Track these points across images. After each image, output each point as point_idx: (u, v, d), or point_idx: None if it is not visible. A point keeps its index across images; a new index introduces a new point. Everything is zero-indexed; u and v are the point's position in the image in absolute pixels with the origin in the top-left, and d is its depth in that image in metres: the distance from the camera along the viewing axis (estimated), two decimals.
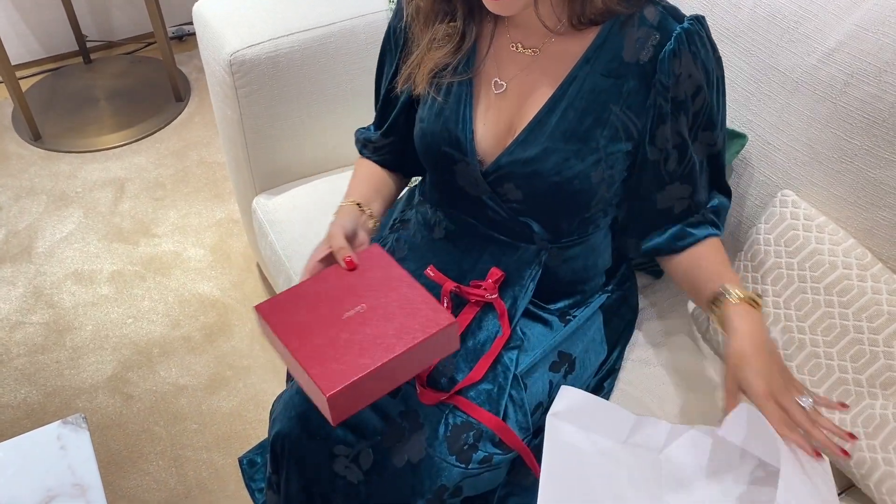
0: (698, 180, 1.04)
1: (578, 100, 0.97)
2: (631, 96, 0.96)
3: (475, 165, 1.03)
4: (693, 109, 0.97)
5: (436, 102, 1.04)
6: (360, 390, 0.86)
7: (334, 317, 0.90)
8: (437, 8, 1.01)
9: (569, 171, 0.98)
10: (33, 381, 1.71)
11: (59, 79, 2.60)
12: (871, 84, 1.04)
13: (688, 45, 0.94)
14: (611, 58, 0.96)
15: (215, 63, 1.41)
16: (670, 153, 1.00)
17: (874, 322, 1.03)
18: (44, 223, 2.09)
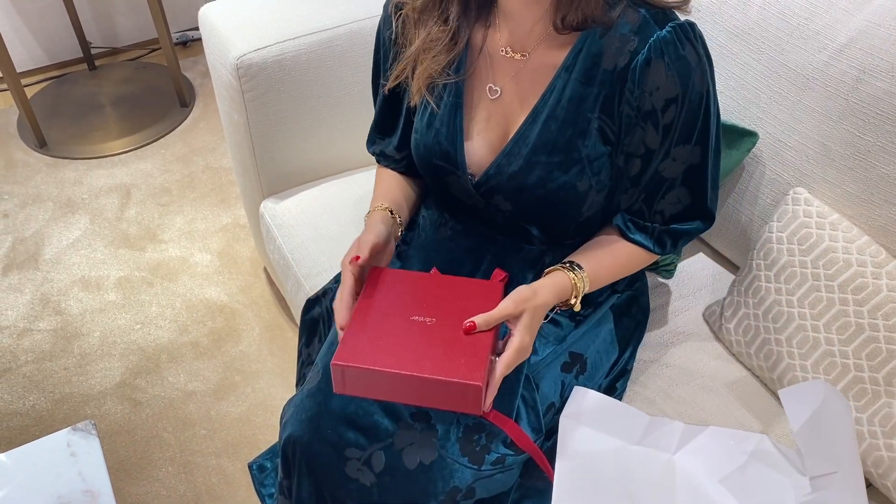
0: (661, 191, 1.01)
1: (559, 110, 0.96)
2: (607, 103, 0.95)
3: (466, 178, 1.03)
4: (663, 122, 0.94)
5: (428, 112, 1.04)
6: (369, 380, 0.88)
7: (402, 313, 0.93)
8: (428, 11, 1.01)
9: (552, 183, 0.98)
10: (41, 388, 1.71)
11: (64, 85, 2.60)
12: (884, 80, 1.04)
13: (661, 54, 0.90)
14: (590, 65, 0.94)
15: (222, 67, 1.41)
16: (633, 159, 0.98)
17: (890, 320, 1.02)
18: (50, 230, 2.09)
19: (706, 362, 1.20)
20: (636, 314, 1.22)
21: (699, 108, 0.95)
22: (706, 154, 0.99)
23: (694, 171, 1.00)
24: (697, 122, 0.96)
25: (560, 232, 1.09)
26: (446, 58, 1.00)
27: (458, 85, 1.03)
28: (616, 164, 1.00)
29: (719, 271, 1.34)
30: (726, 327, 1.20)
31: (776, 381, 1.14)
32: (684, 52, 0.91)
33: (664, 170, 0.99)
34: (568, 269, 1.00)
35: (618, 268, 1.07)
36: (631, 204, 1.04)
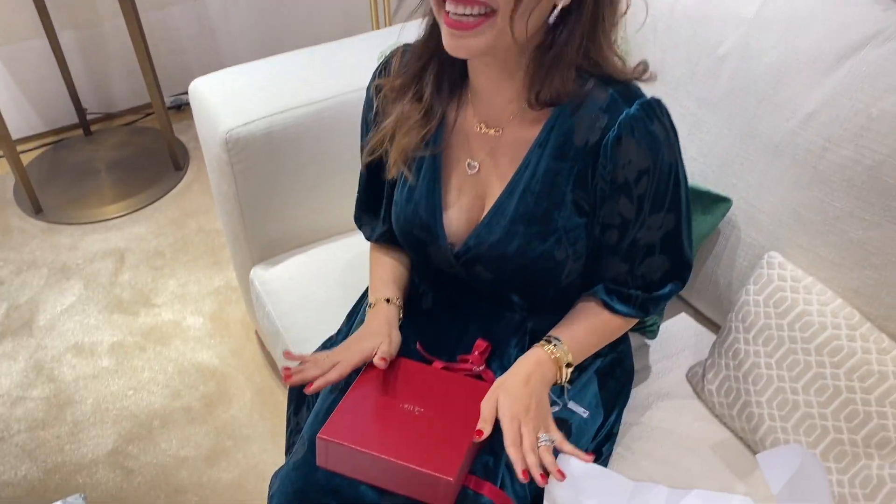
0: (637, 259, 1.04)
1: (534, 183, 1.00)
2: (580, 177, 0.98)
3: (446, 248, 1.06)
4: (637, 192, 0.98)
5: (407, 184, 1.08)
6: (350, 458, 0.93)
7: (394, 400, 0.99)
8: (405, 90, 1.05)
9: (532, 252, 1.01)
10: (34, 457, 1.71)
11: (60, 151, 2.65)
12: (848, 148, 1.07)
13: (631, 130, 0.94)
14: (562, 141, 0.98)
15: (211, 140, 1.45)
16: (610, 230, 1.02)
17: (865, 382, 1.04)
18: (45, 296, 2.11)
19: (690, 424, 1.22)
20: (621, 376, 1.23)
21: (669, 178, 0.99)
22: (679, 219, 1.03)
23: (670, 236, 1.04)
24: (668, 191, 1.00)
25: (540, 299, 1.12)
26: (419, 133, 1.05)
27: (436, 160, 1.06)
28: (593, 235, 1.03)
29: (701, 331, 1.36)
30: (708, 389, 1.22)
31: (758, 442, 1.15)
32: (652, 127, 0.96)
33: (641, 238, 1.03)
34: (543, 345, 1.04)
35: (599, 336, 1.10)
36: (612, 273, 1.07)
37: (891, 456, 1.03)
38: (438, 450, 0.92)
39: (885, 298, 1.07)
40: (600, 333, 1.10)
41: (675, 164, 0.99)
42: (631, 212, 1.00)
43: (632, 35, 1.35)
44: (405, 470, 0.90)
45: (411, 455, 0.90)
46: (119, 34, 2.62)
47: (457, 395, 0.99)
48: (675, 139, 0.99)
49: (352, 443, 0.91)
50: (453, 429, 0.95)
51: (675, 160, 0.99)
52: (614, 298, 1.08)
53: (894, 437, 1.02)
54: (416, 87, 1.04)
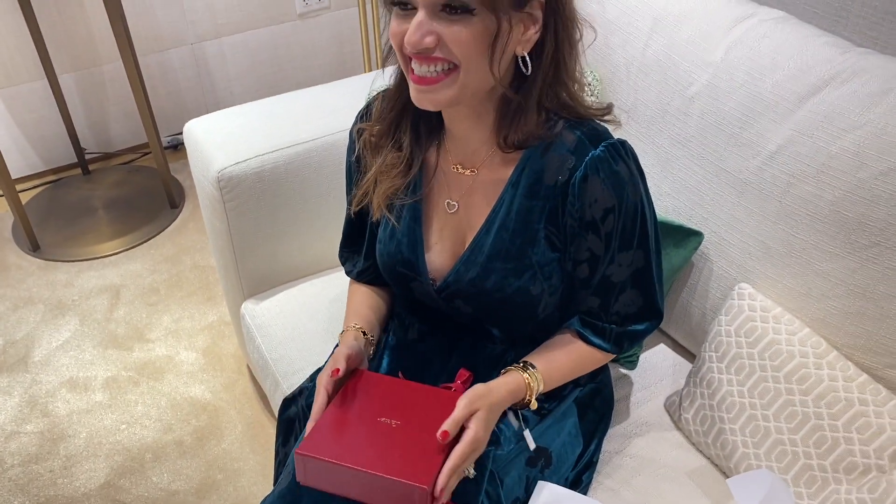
0: (611, 295, 1.08)
1: (508, 221, 1.05)
2: (552, 215, 1.04)
3: (428, 284, 1.11)
4: (604, 230, 1.02)
5: (389, 224, 1.12)
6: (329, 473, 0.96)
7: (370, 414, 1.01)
8: (385, 138, 1.11)
9: (509, 287, 1.06)
10: (26, 491, 1.73)
11: (59, 190, 2.70)
12: (811, 184, 1.13)
13: (597, 171, 0.99)
14: (534, 181, 1.03)
15: (204, 179, 1.50)
16: (579, 265, 1.06)
17: (833, 408, 1.08)
18: (40, 332, 2.15)
19: (667, 452, 1.25)
20: (600, 406, 1.26)
21: (635, 216, 1.04)
22: (649, 257, 1.08)
23: (641, 273, 1.09)
24: (636, 229, 1.05)
25: (519, 332, 1.16)
26: (402, 181, 1.10)
27: (417, 201, 1.12)
28: (566, 270, 1.08)
29: (679, 361, 1.40)
30: (685, 417, 1.25)
31: (733, 469, 1.18)
32: (617, 167, 1.01)
33: (612, 274, 1.07)
34: (522, 370, 1.07)
35: (573, 366, 1.13)
36: (586, 307, 1.11)
37: (858, 480, 1.06)
38: (414, 460, 0.95)
39: (849, 328, 1.11)
40: (575, 365, 1.13)
41: (641, 203, 1.04)
42: (600, 248, 1.05)
43: (604, 75, 1.42)
44: (381, 480, 0.93)
45: (387, 466, 0.93)
46: (118, 76, 2.69)
47: (433, 406, 1.01)
48: (641, 180, 1.04)
49: (328, 457, 0.94)
50: (429, 439, 0.97)
51: (639, 199, 1.04)
52: (589, 331, 1.12)
53: (861, 462, 1.06)
54: (395, 136, 1.10)
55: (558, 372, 1.11)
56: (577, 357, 1.13)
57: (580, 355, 1.13)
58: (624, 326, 1.12)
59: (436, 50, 0.92)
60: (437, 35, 0.91)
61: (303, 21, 2.88)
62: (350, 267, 1.30)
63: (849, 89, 1.12)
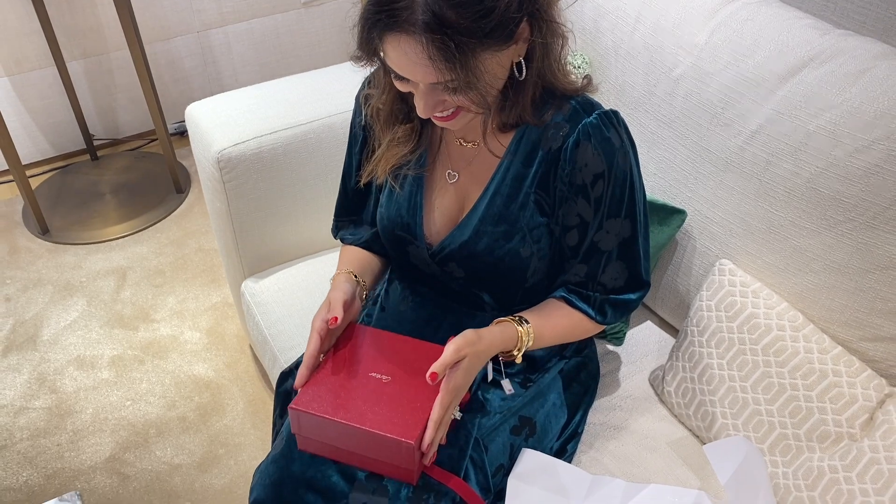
0: (600, 263, 1.12)
1: (503, 187, 1.09)
2: (543, 179, 1.08)
3: (423, 248, 1.15)
4: (594, 195, 1.07)
5: (393, 190, 1.16)
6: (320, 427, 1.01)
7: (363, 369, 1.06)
8: (396, 110, 1.14)
9: (499, 250, 1.10)
10: (35, 464, 1.78)
11: (68, 175, 2.75)
12: (789, 162, 1.16)
13: (589, 137, 1.04)
14: (530, 149, 1.08)
15: (205, 160, 1.54)
16: (569, 230, 1.10)
17: (808, 379, 1.11)
18: (49, 312, 2.20)
19: (651, 424, 1.29)
20: (585, 380, 1.30)
21: (624, 184, 1.08)
22: (636, 227, 1.11)
23: (627, 244, 1.12)
24: (624, 197, 1.08)
25: (509, 298, 1.19)
26: (411, 152, 1.14)
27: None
28: (555, 235, 1.12)
29: (664, 338, 1.43)
30: (667, 390, 1.29)
31: (713, 439, 1.22)
32: (608, 134, 1.05)
33: (599, 241, 1.11)
34: (517, 322, 1.10)
35: (563, 329, 1.16)
36: (573, 276, 1.15)
37: (830, 448, 1.09)
38: (402, 414, 0.99)
39: (825, 301, 1.15)
40: (565, 328, 1.16)
41: (630, 171, 1.08)
42: (589, 213, 1.08)
43: (593, 58, 1.45)
44: (370, 435, 0.97)
45: (376, 421, 0.98)
46: (125, 64, 2.74)
47: (423, 360, 1.03)
48: (631, 149, 1.08)
49: (321, 412, 1.00)
50: (418, 394, 1.01)
51: (629, 168, 1.08)
52: (575, 297, 1.16)
53: (833, 430, 1.09)
54: (405, 109, 1.13)
55: (550, 332, 1.13)
56: (568, 322, 1.15)
57: (570, 321, 1.16)
58: (608, 295, 1.15)
59: None
60: (443, 100, 0.98)
61: (307, 10, 2.92)
62: (348, 235, 1.33)
63: (827, 70, 1.15)
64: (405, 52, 0.91)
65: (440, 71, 0.91)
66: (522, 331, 1.09)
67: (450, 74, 0.91)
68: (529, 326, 1.10)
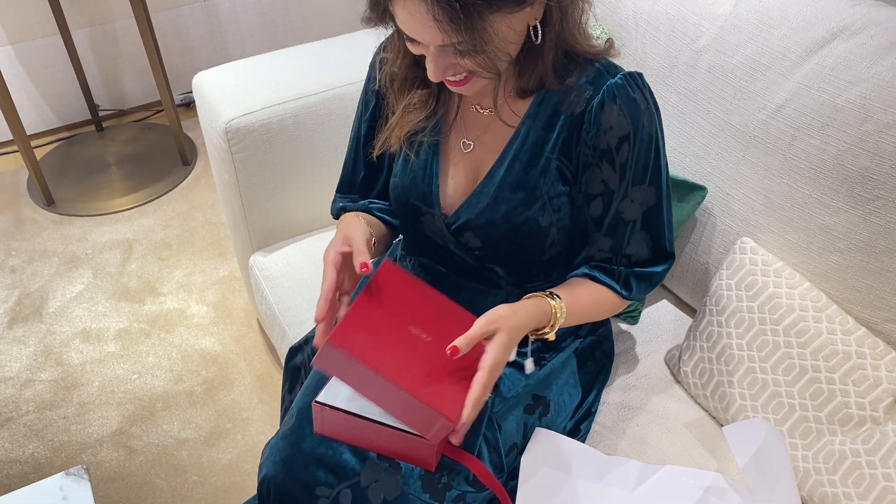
0: (624, 235, 1.09)
1: (523, 152, 1.05)
2: (565, 144, 1.04)
3: (439, 217, 1.11)
4: (619, 160, 1.03)
5: (408, 159, 1.13)
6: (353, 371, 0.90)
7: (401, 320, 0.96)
8: (411, 76, 1.10)
9: (518, 218, 1.06)
10: (41, 436, 1.77)
11: (73, 146, 2.72)
12: (816, 137, 1.12)
13: (614, 98, 1.00)
14: (551, 112, 1.04)
15: (213, 130, 1.51)
16: (593, 199, 1.06)
17: (830, 361, 1.09)
18: (55, 284, 2.18)
19: (666, 404, 1.26)
20: (600, 359, 1.28)
21: (649, 148, 1.04)
22: (660, 195, 1.08)
23: (651, 213, 1.08)
24: (650, 162, 1.05)
25: (524, 272, 1.16)
26: (426, 119, 1.11)
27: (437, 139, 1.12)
28: (577, 205, 1.08)
29: (680, 317, 1.41)
30: (684, 370, 1.27)
31: (730, 421, 1.19)
32: (634, 95, 1.02)
33: (624, 211, 1.07)
34: (549, 297, 1.05)
35: (590, 306, 1.12)
36: (598, 253, 1.11)
37: (852, 432, 1.07)
38: (445, 386, 0.91)
39: (849, 282, 1.12)
40: (594, 304, 1.12)
41: (655, 135, 1.04)
42: (614, 180, 1.05)
43: (612, 28, 1.40)
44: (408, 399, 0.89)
45: (418, 386, 0.89)
46: (131, 33, 2.70)
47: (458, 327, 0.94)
48: (656, 112, 1.04)
49: (359, 355, 0.89)
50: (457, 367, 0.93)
51: (654, 131, 1.04)
52: (599, 272, 1.12)
53: (856, 413, 1.06)
54: (421, 75, 1.10)
55: (579, 309, 1.08)
56: (594, 297, 1.11)
57: (597, 297, 1.12)
58: (632, 268, 1.12)
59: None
60: (454, 64, 0.95)
61: None
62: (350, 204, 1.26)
63: (857, 42, 1.11)
64: (411, 13, 0.89)
65: (446, 33, 0.88)
66: (556, 306, 1.04)
67: (456, 37, 0.89)
68: (561, 302, 1.05)
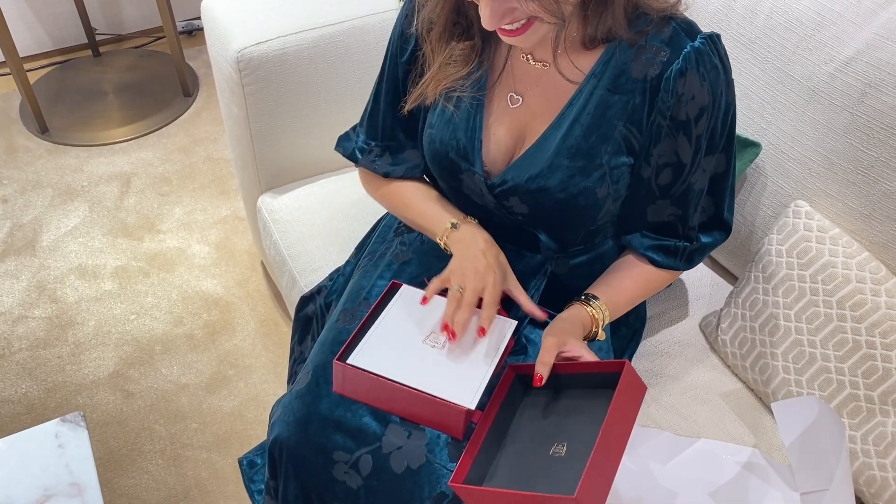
0: (691, 205, 1.01)
1: (584, 116, 0.95)
2: (636, 112, 0.94)
3: (481, 176, 1.01)
4: (696, 132, 0.94)
5: (446, 109, 1.02)
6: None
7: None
8: (452, 24, 0.98)
9: (574, 187, 0.96)
10: (34, 375, 1.70)
11: (68, 71, 2.59)
12: (890, 94, 1.02)
13: (696, 65, 0.90)
14: (618, 73, 0.93)
15: (223, 60, 1.40)
16: (662, 170, 0.97)
17: (888, 338, 1.01)
18: (49, 217, 2.08)
19: (701, 373, 1.19)
20: (634, 323, 1.20)
21: (726, 118, 0.96)
22: (731, 162, 1.01)
23: (718, 178, 1.02)
24: (725, 132, 0.97)
25: (569, 239, 1.07)
26: (469, 74, 0.99)
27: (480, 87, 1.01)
28: (640, 176, 0.99)
29: (718, 281, 1.33)
30: (722, 339, 1.19)
31: (770, 395, 1.13)
32: (716, 61, 0.92)
33: (695, 182, 0.99)
34: (584, 304, 1.01)
35: (640, 291, 1.08)
36: (661, 219, 1.03)
37: None
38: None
39: None
40: (642, 289, 1.07)
41: (732, 104, 0.96)
42: (688, 154, 0.96)
43: None
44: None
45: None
46: None
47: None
48: (732, 79, 0.96)
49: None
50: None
51: (732, 99, 0.96)
52: (660, 254, 1.05)
53: None
54: (464, 24, 0.98)
55: (624, 299, 1.05)
56: (645, 281, 1.06)
57: (647, 280, 1.06)
58: (697, 242, 1.05)
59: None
60: (513, 8, 0.84)
61: None
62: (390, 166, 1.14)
63: None
64: None
65: None
66: (593, 310, 1.01)
67: None
68: (599, 303, 1.01)
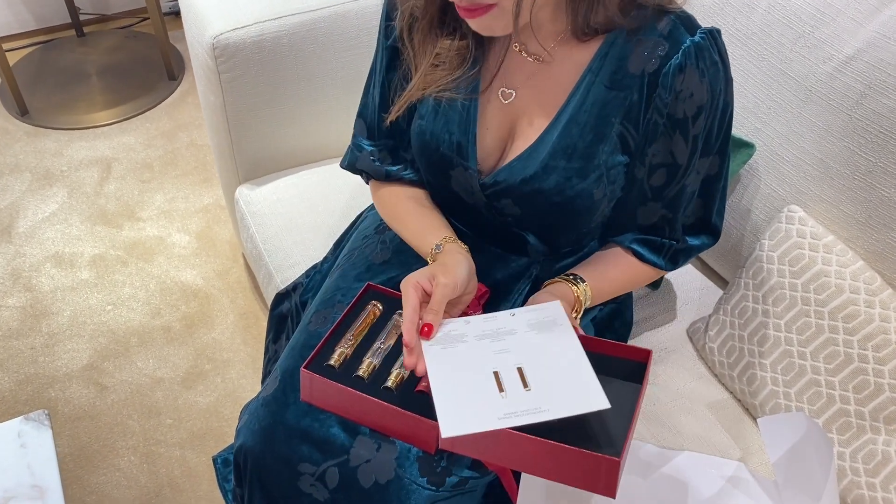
0: (682, 207, 0.97)
1: (581, 114, 0.89)
2: (632, 109, 0.89)
3: (474, 174, 0.96)
4: (693, 132, 0.89)
5: (440, 100, 0.96)
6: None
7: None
8: (438, 20, 0.92)
9: (570, 190, 0.91)
10: (6, 367, 1.66)
11: (51, 52, 2.53)
12: (890, 97, 0.98)
13: (696, 60, 0.85)
14: (616, 68, 0.88)
15: (199, 46, 1.35)
16: (656, 170, 0.93)
17: (881, 352, 0.97)
18: (26, 202, 2.03)
19: (687, 382, 1.15)
20: (619, 328, 1.16)
21: (724, 117, 0.92)
22: (724, 165, 0.97)
23: (710, 181, 0.98)
24: (721, 133, 0.93)
25: (560, 241, 1.03)
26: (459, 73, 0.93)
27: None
28: (633, 176, 0.94)
29: (707, 286, 1.28)
30: (709, 346, 1.15)
31: (758, 406, 1.09)
32: (717, 58, 0.88)
33: (689, 184, 0.95)
34: (570, 282, 0.96)
35: (623, 282, 1.03)
36: (650, 220, 0.99)
37: None
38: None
39: None
40: (626, 281, 1.03)
41: (730, 104, 0.92)
42: (684, 155, 0.91)
43: None
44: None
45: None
46: None
47: None
48: (731, 77, 0.91)
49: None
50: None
51: (730, 98, 0.92)
52: (646, 249, 1.01)
53: None
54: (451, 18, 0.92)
55: (608, 288, 1.00)
56: (630, 274, 1.02)
57: (633, 273, 1.02)
58: (683, 243, 1.01)
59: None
60: None
61: None
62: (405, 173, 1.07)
63: None
64: None
65: None
66: (577, 290, 0.94)
67: None
68: (585, 285, 0.95)
